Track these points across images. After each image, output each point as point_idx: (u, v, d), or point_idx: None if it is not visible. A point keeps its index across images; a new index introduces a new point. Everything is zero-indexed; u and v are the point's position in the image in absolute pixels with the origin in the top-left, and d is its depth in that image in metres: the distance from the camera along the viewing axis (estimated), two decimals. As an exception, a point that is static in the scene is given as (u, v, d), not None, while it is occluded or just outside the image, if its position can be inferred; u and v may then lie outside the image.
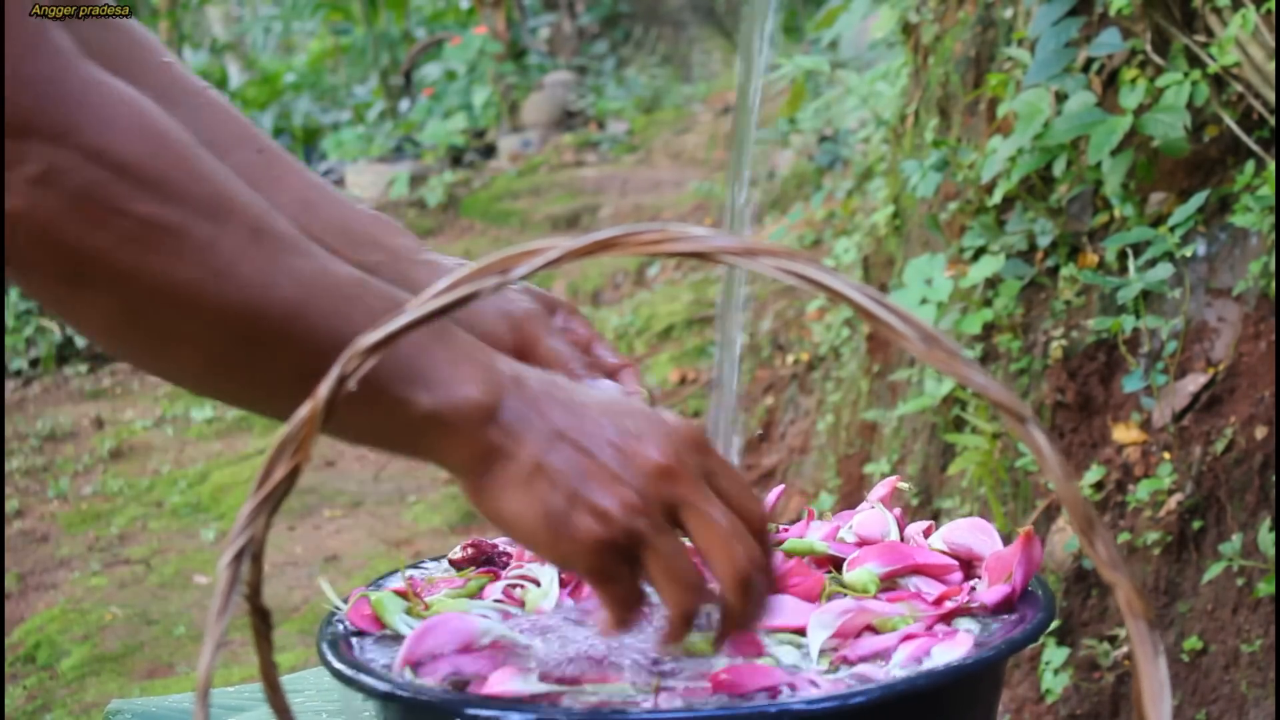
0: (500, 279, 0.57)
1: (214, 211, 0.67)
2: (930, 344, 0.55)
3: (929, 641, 0.74)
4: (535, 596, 0.84)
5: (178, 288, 0.66)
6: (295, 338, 0.68)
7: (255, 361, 0.69)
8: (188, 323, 0.67)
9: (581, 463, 0.69)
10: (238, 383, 0.72)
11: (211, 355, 0.69)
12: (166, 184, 0.66)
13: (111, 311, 0.67)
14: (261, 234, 0.68)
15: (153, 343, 0.69)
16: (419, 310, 0.57)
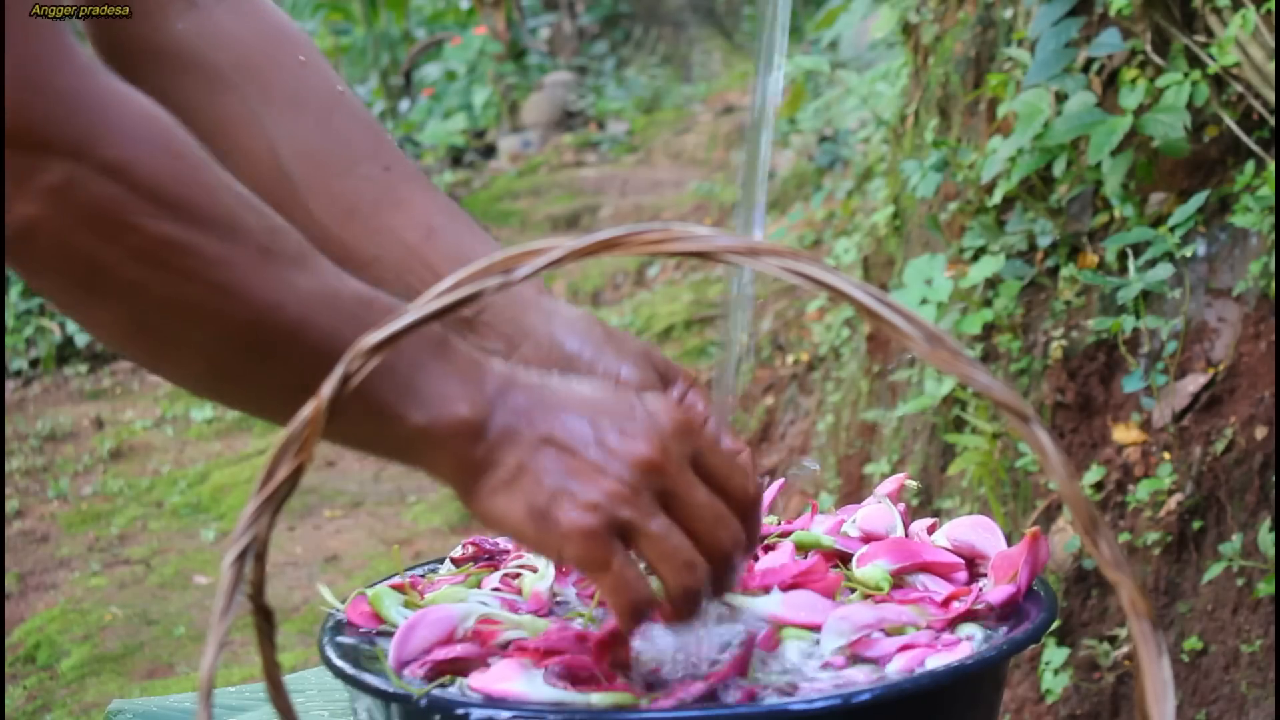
0: (502, 279, 0.57)
1: (226, 230, 0.68)
2: (934, 343, 0.55)
3: (927, 651, 0.74)
4: (532, 581, 0.84)
5: (186, 302, 0.67)
6: (296, 353, 0.69)
7: (257, 372, 0.71)
8: (193, 334, 0.68)
9: (566, 462, 0.71)
10: (239, 390, 0.73)
11: (215, 364, 0.70)
12: (181, 202, 0.67)
13: (120, 320, 0.68)
14: (270, 253, 0.69)
15: (159, 350, 0.70)
16: (420, 310, 0.57)
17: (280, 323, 0.69)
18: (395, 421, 0.71)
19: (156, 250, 0.66)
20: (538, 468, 0.71)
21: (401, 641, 0.74)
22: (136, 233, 0.66)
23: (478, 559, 0.92)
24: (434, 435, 0.71)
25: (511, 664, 0.72)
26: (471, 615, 0.76)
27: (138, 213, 0.66)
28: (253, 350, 0.69)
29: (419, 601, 0.82)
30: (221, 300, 0.68)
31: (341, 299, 0.71)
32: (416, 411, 0.71)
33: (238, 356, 0.70)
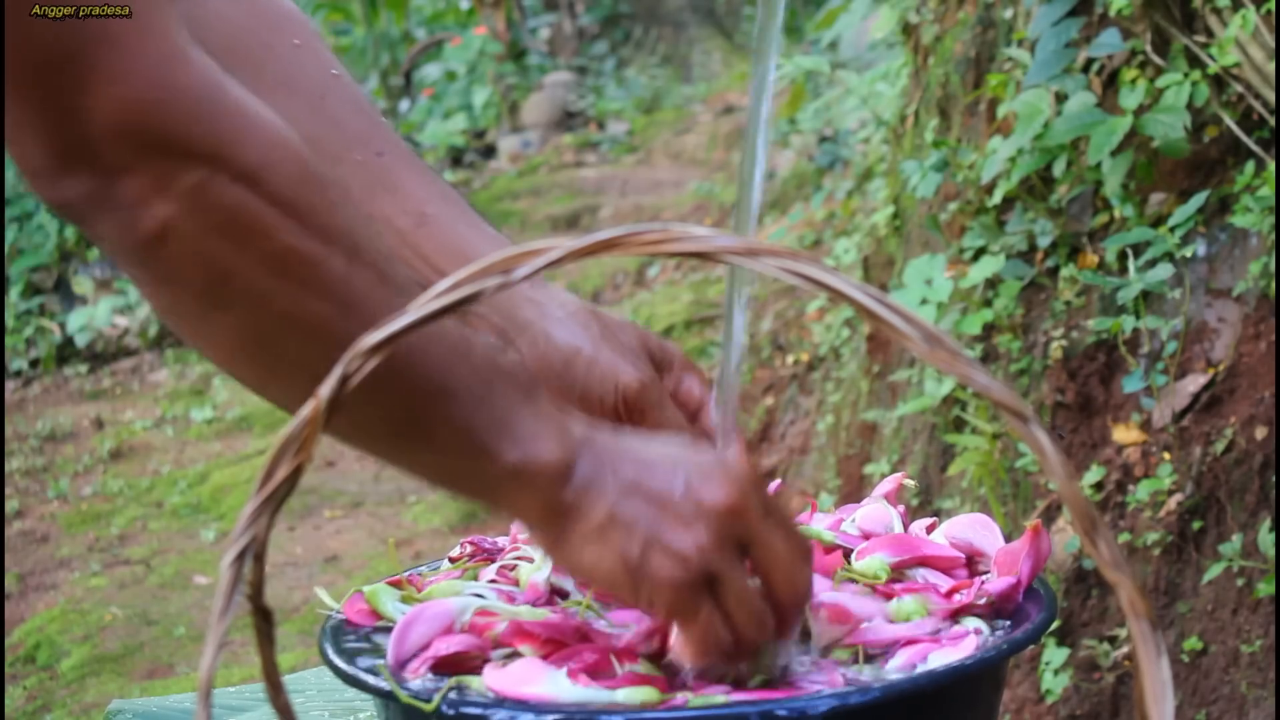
0: (502, 279, 0.57)
1: (350, 248, 0.67)
2: (933, 344, 0.55)
3: (930, 647, 0.74)
4: (529, 572, 0.84)
5: (309, 317, 0.67)
6: (404, 381, 0.68)
7: (368, 398, 0.67)
8: (310, 352, 0.67)
9: (654, 512, 0.71)
10: (349, 416, 0.71)
11: (320, 382, 0.69)
12: (311, 215, 0.66)
13: (239, 332, 0.67)
14: (387, 277, 0.69)
15: (272, 365, 0.69)
16: (420, 311, 0.57)
17: (397, 349, 0.67)
18: (488, 458, 0.70)
19: (285, 260, 0.65)
20: (627, 517, 0.71)
21: (400, 638, 0.74)
22: (269, 240, 0.65)
23: (475, 558, 0.92)
24: (525, 475, 0.70)
25: (532, 663, 0.72)
26: (468, 608, 0.76)
27: (271, 221, 0.65)
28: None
29: (416, 597, 0.82)
30: (343, 319, 0.66)
31: (449, 333, 0.70)
32: (511, 449, 0.70)
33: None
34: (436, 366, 0.69)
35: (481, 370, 0.70)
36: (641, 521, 0.71)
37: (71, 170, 0.63)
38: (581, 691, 0.69)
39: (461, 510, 4.09)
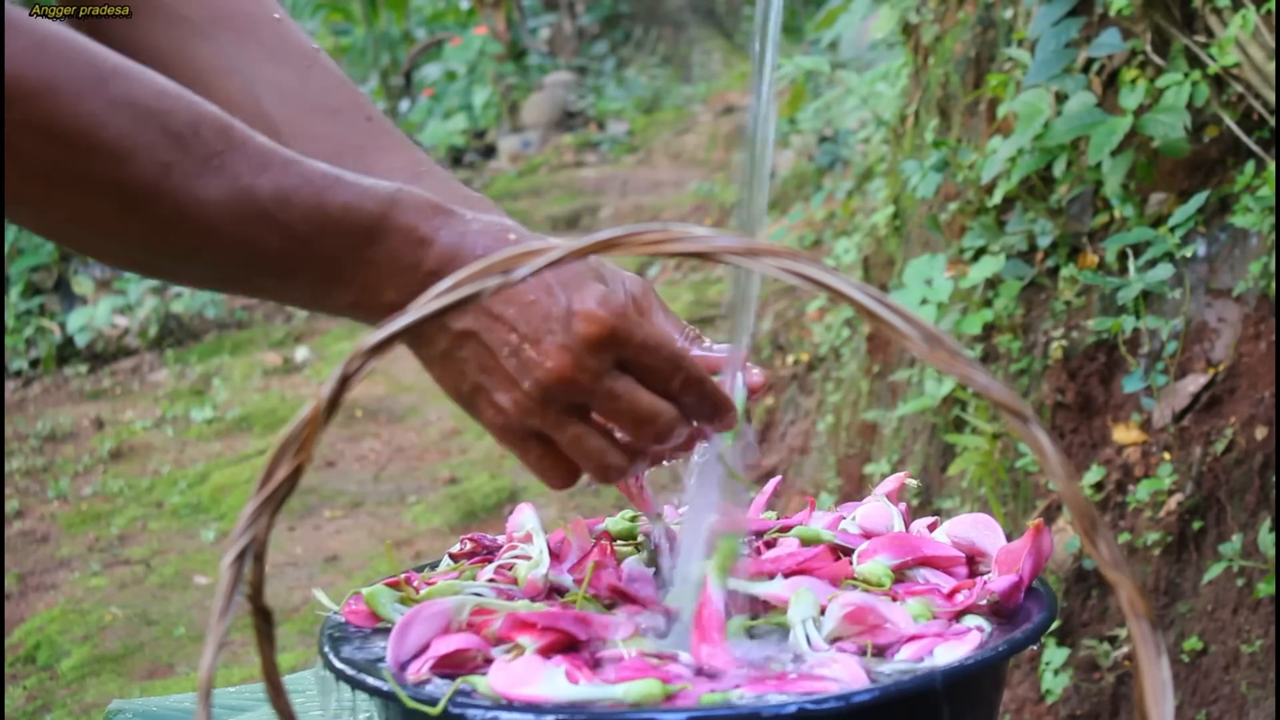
0: (501, 279, 0.57)
1: (117, 154, 0.72)
2: (933, 344, 0.55)
3: (935, 641, 0.74)
4: (526, 569, 0.84)
5: (93, 217, 0.74)
6: (214, 255, 0.75)
7: (184, 269, 0.78)
8: (109, 243, 0.75)
9: (483, 361, 0.76)
10: (175, 278, 0.81)
11: (141, 263, 0.78)
12: (69, 134, 0.71)
13: (40, 228, 0.76)
14: (171, 167, 0.73)
15: (89, 249, 0.77)
16: (420, 311, 0.57)
17: (187, 232, 0.73)
18: (324, 301, 0.77)
19: (50, 175, 0.71)
20: (460, 358, 0.76)
21: (398, 639, 0.74)
22: (23, 160, 0.70)
23: (475, 554, 0.92)
24: (366, 310, 0.76)
25: (532, 661, 0.71)
26: (466, 606, 0.76)
27: (25, 142, 0.70)
28: (169, 254, 0.75)
29: (415, 597, 0.82)
30: (122, 220, 0.72)
31: (255, 202, 0.74)
32: (344, 293, 0.76)
33: (156, 259, 0.76)
34: (241, 237, 0.74)
35: (297, 229, 0.74)
36: (470, 366, 0.76)
37: None
38: (582, 690, 0.69)
39: (461, 510, 4.09)
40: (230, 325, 6.17)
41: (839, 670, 0.71)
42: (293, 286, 0.76)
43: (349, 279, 0.76)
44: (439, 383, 0.78)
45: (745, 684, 0.71)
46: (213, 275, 0.77)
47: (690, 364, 0.78)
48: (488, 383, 0.75)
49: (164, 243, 0.74)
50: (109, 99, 0.71)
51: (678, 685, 0.70)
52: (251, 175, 0.74)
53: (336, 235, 0.75)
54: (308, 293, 0.77)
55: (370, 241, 0.76)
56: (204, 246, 0.74)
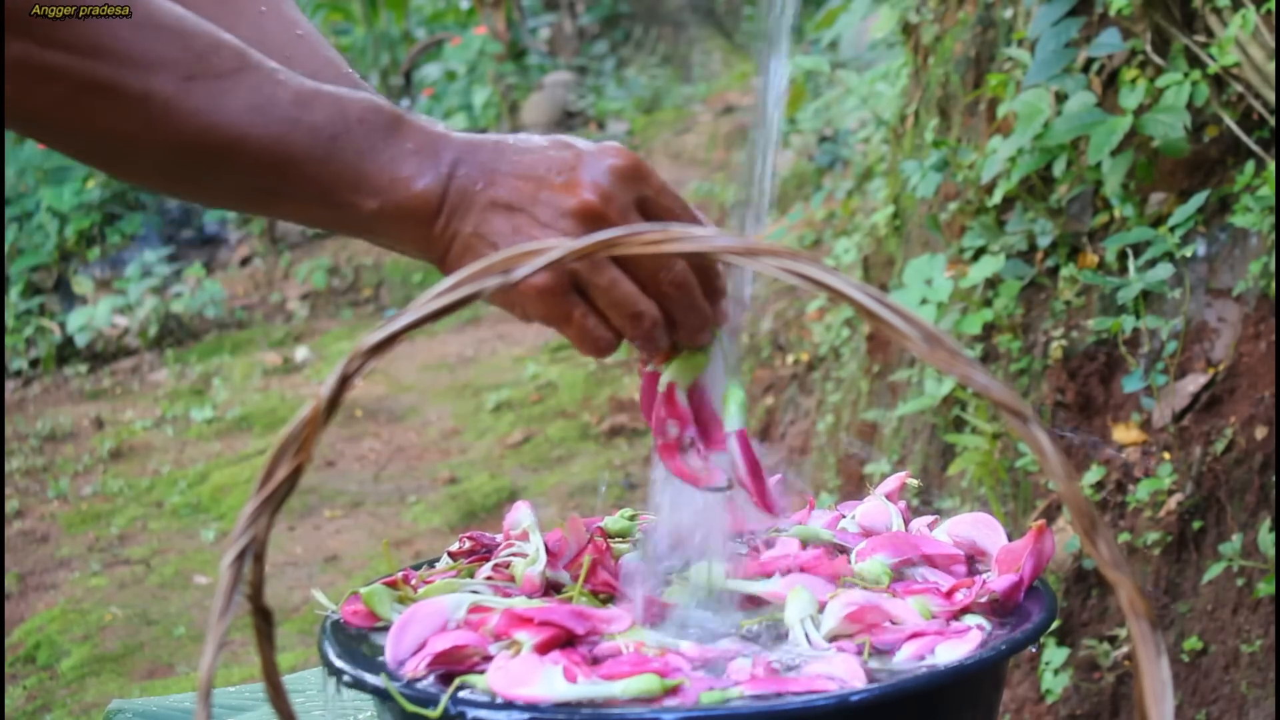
0: (501, 279, 0.57)
1: (143, 67, 0.75)
2: (932, 344, 0.55)
3: (936, 639, 0.74)
4: (523, 566, 0.84)
5: (120, 134, 0.76)
6: (241, 163, 0.77)
7: (209, 181, 0.79)
8: (138, 158, 0.78)
9: (514, 222, 0.76)
10: (198, 194, 0.82)
11: (167, 177, 0.80)
12: (95, 48, 0.74)
13: (70, 149, 0.79)
14: (195, 79, 0.76)
15: (113, 168, 0.81)
16: (420, 311, 0.57)
17: (215, 141, 0.75)
18: (349, 208, 0.77)
19: (82, 91, 0.73)
20: (490, 232, 0.76)
21: (396, 639, 0.74)
22: (60, 78, 0.73)
23: (475, 552, 0.92)
24: (391, 215, 0.77)
25: (530, 660, 0.71)
26: (463, 604, 0.76)
27: (60, 60, 0.73)
28: (197, 165, 0.77)
29: (413, 596, 0.82)
30: (152, 130, 0.75)
31: (277, 106, 0.76)
32: (369, 198, 0.76)
33: (185, 170, 0.77)
34: (265, 143, 0.76)
35: (322, 128, 0.76)
36: (503, 234, 0.76)
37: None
38: (579, 688, 0.69)
39: (461, 510, 4.09)
40: (230, 325, 6.17)
41: (839, 669, 0.71)
42: (317, 195, 0.77)
43: (374, 176, 0.77)
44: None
45: (745, 683, 0.71)
46: (240, 186, 0.78)
47: (697, 218, 0.80)
48: (522, 243, 0.77)
49: (191, 154, 0.76)
50: (135, 18, 0.74)
51: (676, 680, 0.69)
52: (271, 86, 0.77)
53: (360, 129, 0.77)
54: (333, 200, 0.77)
55: (392, 133, 0.77)
56: (230, 154, 0.76)
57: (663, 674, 0.70)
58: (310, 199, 0.77)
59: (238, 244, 6.95)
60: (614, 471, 4.24)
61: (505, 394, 4.88)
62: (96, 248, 6.43)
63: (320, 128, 0.76)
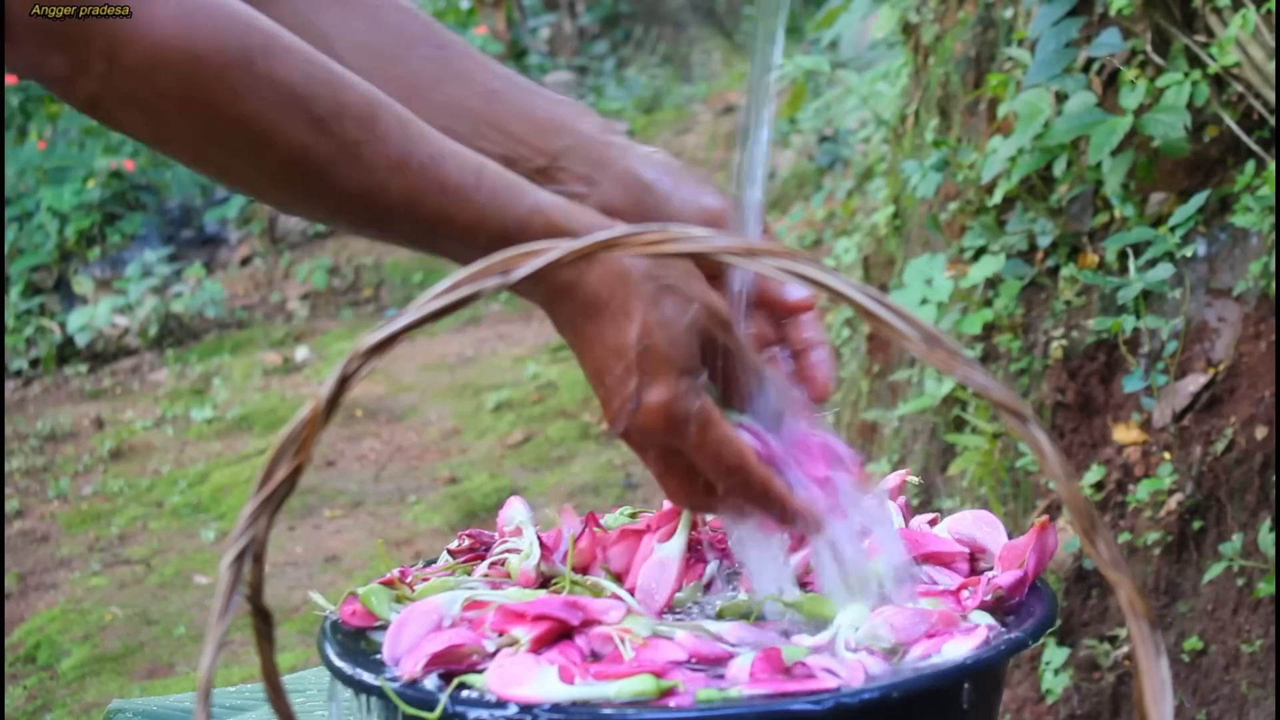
0: (501, 279, 0.57)
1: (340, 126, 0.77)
2: (932, 344, 0.55)
3: (944, 638, 0.74)
4: (518, 561, 0.84)
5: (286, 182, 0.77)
6: (410, 226, 0.79)
7: (380, 231, 0.81)
8: (310, 206, 0.80)
9: (605, 366, 0.78)
10: (375, 237, 0.84)
11: (342, 222, 0.81)
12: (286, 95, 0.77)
13: (232, 183, 0.80)
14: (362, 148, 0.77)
15: (281, 206, 0.82)
16: (420, 311, 0.57)
17: (323, 209, 0.78)
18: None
19: (193, 142, 0.75)
20: (589, 362, 0.79)
21: (394, 639, 0.74)
22: (170, 126, 0.74)
23: (474, 550, 0.92)
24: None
25: (527, 660, 0.71)
26: (458, 602, 0.76)
27: (169, 109, 0.73)
28: (310, 217, 0.81)
29: (410, 596, 0.82)
30: (265, 187, 0.77)
31: (386, 198, 0.76)
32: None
33: (301, 215, 0.81)
34: (371, 225, 0.79)
35: (423, 234, 0.78)
36: (599, 371, 0.78)
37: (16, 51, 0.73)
38: (576, 689, 0.69)
39: (462, 510, 4.09)
40: (230, 325, 6.17)
41: (838, 668, 0.71)
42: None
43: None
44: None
45: (743, 683, 0.71)
46: (352, 234, 0.81)
47: (743, 473, 0.79)
48: (605, 393, 0.79)
49: (302, 209, 0.79)
50: (252, 76, 0.73)
51: (672, 680, 0.69)
52: (386, 172, 0.76)
53: (462, 243, 0.78)
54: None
55: (495, 251, 0.78)
56: (336, 220, 0.79)
57: (660, 674, 0.70)
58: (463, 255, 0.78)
59: (238, 244, 6.95)
60: (614, 471, 4.24)
61: (506, 394, 4.88)
62: (97, 248, 6.44)
63: (419, 233, 0.78)
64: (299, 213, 0.82)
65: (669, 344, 0.77)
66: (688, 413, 0.77)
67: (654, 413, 0.76)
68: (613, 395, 0.77)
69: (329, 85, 0.75)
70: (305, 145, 0.74)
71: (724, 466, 0.78)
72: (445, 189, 0.77)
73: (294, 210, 0.81)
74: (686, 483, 0.80)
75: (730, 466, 0.78)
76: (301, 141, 0.74)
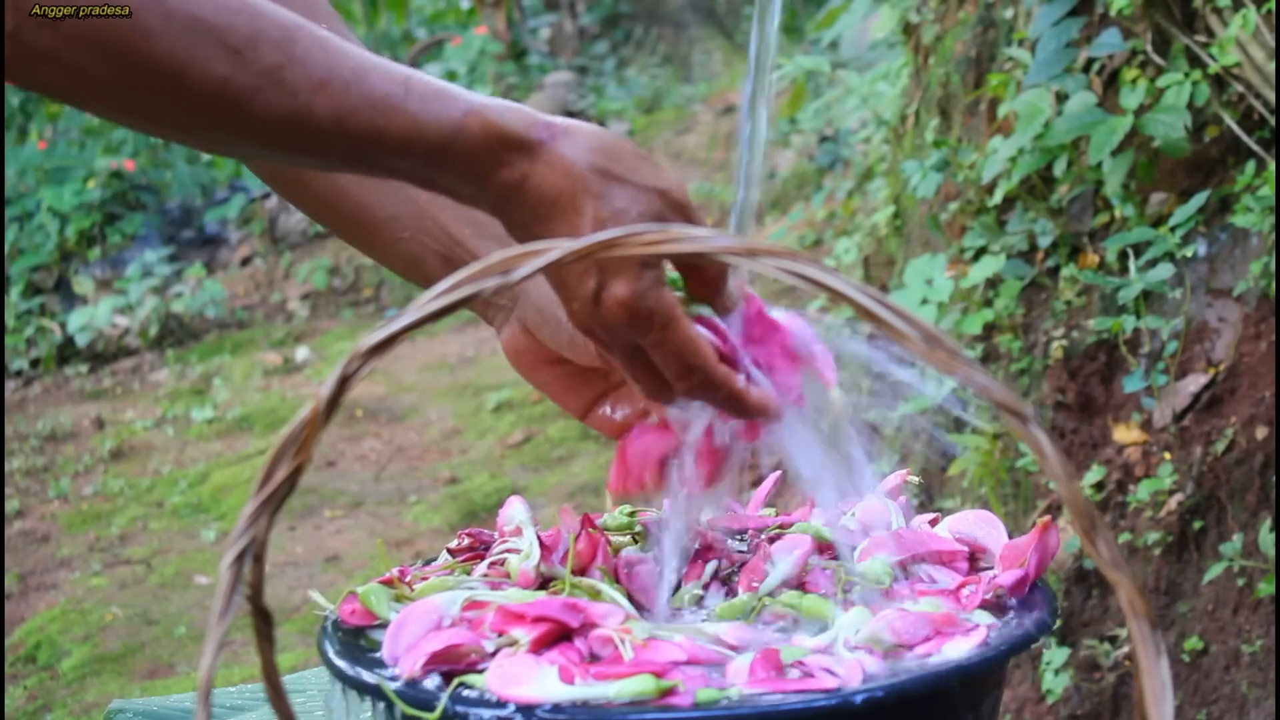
0: (501, 279, 0.57)
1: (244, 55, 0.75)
2: (932, 344, 0.55)
3: (945, 638, 0.74)
4: (518, 561, 0.84)
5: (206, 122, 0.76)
6: (341, 144, 0.77)
7: (304, 157, 0.78)
8: (236, 142, 0.78)
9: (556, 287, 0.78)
10: (300, 162, 0.81)
11: (265, 150, 0.79)
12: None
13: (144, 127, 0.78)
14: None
15: (200, 144, 0.80)
16: (420, 311, 0.57)
17: (253, 141, 0.76)
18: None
19: (113, 88, 0.73)
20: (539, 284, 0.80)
21: (393, 639, 0.74)
22: (87, 75, 0.72)
23: (474, 549, 0.92)
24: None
25: (526, 660, 0.71)
26: (457, 601, 0.76)
27: (83, 57, 0.71)
28: (239, 154, 0.80)
29: (409, 595, 0.82)
30: (191, 123, 0.75)
31: (313, 119, 0.75)
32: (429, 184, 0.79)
33: (231, 153, 0.79)
34: (302, 151, 0.76)
35: (359, 150, 0.76)
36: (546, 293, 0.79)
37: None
38: (575, 690, 0.69)
39: (462, 510, 4.09)
40: (230, 325, 6.17)
41: (837, 667, 0.71)
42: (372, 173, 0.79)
43: (424, 183, 0.78)
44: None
45: (742, 683, 0.71)
46: (288, 164, 0.79)
47: (704, 373, 0.79)
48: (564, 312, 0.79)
49: (231, 146, 0.77)
50: (164, 11, 0.72)
51: (672, 680, 0.69)
52: (309, 93, 0.74)
53: (399, 156, 0.76)
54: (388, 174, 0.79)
55: (434, 166, 0.77)
56: (268, 152, 0.77)
57: (659, 674, 0.70)
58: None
59: (238, 244, 6.95)
60: (614, 471, 4.24)
61: (506, 394, 4.88)
62: (97, 248, 6.44)
63: (354, 149, 0.76)
64: (234, 152, 0.80)
65: None
66: (650, 307, 0.76)
67: (616, 309, 0.76)
68: (573, 295, 0.77)
69: (242, 13, 0.74)
70: (224, 77, 0.73)
71: (685, 365, 0.78)
72: (373, 102, 0.75)
73: (227, 149, 0.79)
74: (652, 377, 0.80)
75: (691, 365, 0.78)
76: (220, 73, 0.73)
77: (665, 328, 0.77)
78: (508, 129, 0.76)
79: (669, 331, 0.77)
